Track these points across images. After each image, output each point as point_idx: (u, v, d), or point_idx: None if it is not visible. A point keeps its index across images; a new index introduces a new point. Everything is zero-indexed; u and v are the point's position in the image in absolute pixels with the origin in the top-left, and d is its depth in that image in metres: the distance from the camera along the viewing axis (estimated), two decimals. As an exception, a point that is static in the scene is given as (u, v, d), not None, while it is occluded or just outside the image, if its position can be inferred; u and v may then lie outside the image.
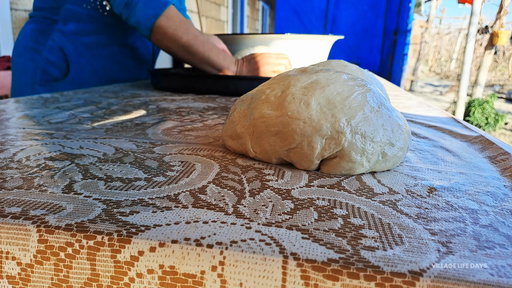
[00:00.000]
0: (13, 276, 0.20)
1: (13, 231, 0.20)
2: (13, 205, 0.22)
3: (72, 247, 0.20)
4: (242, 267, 0.18)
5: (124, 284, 0.19)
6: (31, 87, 0.88)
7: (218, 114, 0.56)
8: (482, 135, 0.44)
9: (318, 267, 0.18)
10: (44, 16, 0.88)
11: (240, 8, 6.01)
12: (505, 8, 5.29)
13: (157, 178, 0.28)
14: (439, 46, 15.34)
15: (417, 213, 0.24)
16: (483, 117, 4.84)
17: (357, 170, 0.30)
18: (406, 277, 0.17)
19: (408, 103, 0.73)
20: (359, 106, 0.30)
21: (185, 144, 0.38)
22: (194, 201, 0.24)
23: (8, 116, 0.49)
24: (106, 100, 0.65)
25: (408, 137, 0.33)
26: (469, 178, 0.31)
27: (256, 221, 0.21)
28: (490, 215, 0.24)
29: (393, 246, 0.19)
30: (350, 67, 0.49)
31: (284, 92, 0.32)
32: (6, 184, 0.26)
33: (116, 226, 0.20)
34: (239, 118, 0.34)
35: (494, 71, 11.50)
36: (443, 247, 0.19)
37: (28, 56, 0.88)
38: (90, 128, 0.44)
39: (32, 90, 0.87)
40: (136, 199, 0.24)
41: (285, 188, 0.27)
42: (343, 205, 0.24)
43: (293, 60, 1.00)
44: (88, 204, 0.23)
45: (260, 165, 0.32)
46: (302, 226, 0.21)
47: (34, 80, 0.87)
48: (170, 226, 0.21)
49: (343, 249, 0.19)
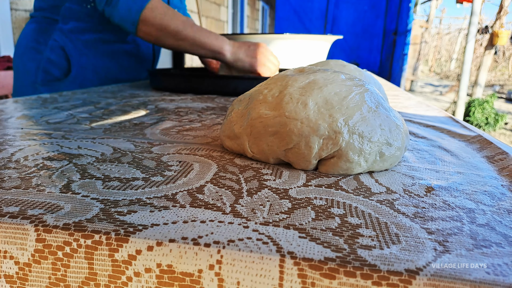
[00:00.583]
0: (10, 276, 0.20)
1: (11, 230, 0.20)
2: (11, 204, 0.23)
3: (70, 246, 0.20)
4: (240, 266, 0.18)
5: (121, 283, 0.19)
6: (33, 87, 0.88)
7: (216, 114, 0.56)
8: (480, 135, 0.44)
9: (315, 265, 0.18)
10: (45, 16, 0.88)
11: (240, 8, 6.01)
12: (505, 8, 5.29)
13: (155, 178, 0.28)
14: (439, 46, 15.35)
15: (414, 212, 0.24)
16: (483, 117, 4.84)
17: (354, 170, 0.30)
18: (402, 276, 0.17)
19: (407, 103, 0.73)
20: (357, 106, 0.31)
21: (183, 144, 0.38)
22: (191, 201, 0.24)
23: (7, 116, 0.49)
24: (105, 100, 0.65)
25: (406, 137, 0.33)
26: (467, 178, 0.31)
27: (253, 221, 0.22)
28: (487, 214, 0.24)
29: (390, 245, 0.19)
30: (349, 67, 0.49)
31: (282, 92, 0.32)
32: (4, 184, 0.26)
33: (113, 225, 0.20)
34: (237, 118, 0.34)
35: (494, 71, 11.50)
36: (440, 246, 0.20)
37: (29, 56, 0.88)
38: (88, 128, 0.44)
39: (34, 90, 0.87)
40: (134, 199, 0.24)
41: (283, 188, 0.27)
42: (340, 205, 0.24)
43: (292, 60, 1.00)
44: (85, 203, 0.23)
45: (258, 165, 0.32)
46: (300, 225, 0.21)
47: (36, 80, 0.87)
48: (168, 225, 0.21)
49: (340, 248, 0.19)
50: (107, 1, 0.79)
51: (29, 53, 0.88)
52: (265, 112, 0.31)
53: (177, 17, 0.80)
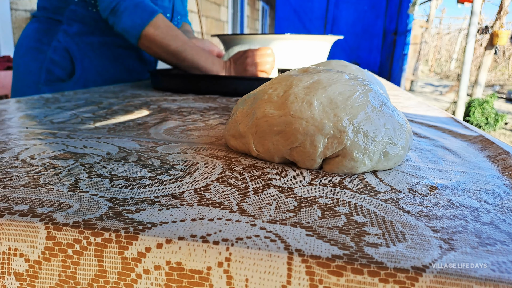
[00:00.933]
0: (20, 273, 0.21)
1: (22, 228, 0.21)
2: (20, 203, 0.23)
3: (80, 244, 0.20)
4: (248, 263, 0.19)
5: (131, 280, 0.20)
6: (36, 87, 0.88)
7: (219, 114, 0.56)
8: (482, 135, 0.44)
9: (323, 263, 0.18)
10: (48, 17, 0.88)
11: (240, 8, 6.01)
12: (505, 8, 5.29)
13: (162, 177, 0.28)
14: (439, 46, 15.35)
15: (419, 211, 0.24)
16: (483, 117, 4.84)
17: (359, 168, 0.30)
18: (409, 273, 0.17)
19: (408, 103, 0.73)
20: (361, 105, 0.31)
21: (187, 143, 0.38)
22: (198, 199, 0.24)
23: (10, 116, 0.49)
24: (107, 100, 0.65)
25: (409, 136, 0.33)
26: (470, 177, 0.31)
27: (260, 219, 0.22)
28: (491, 213, 0.24)
29: (396, 243, 0.20)
30: (350, 67, 0.49)
31: (287, 92, 0.32)
32: (12, 182, 0.26)
33: (123, 223, 0.21)
34: (242, 117, 0.34)
35: (494, 71, 11.51)
36: (445, 244, 0.20)
37: (32, 55, 0.88)
38: (92, 128, 0.44)
39: (36, 90, 0.87)
40: (142, 197, 0.24)
41: (288, 187, 0.27)
42: (345, 203, 0.25)
43: (293, 60, 1.00)
44: (94, 202, 0.23)
45: (263, 164, 0.32)
46: (306, 224, 0.21)
47: (39, 80, 0.88)
48: (176, 223, 0.21)
49: (347, 246, 0.19)
50: (112, 10, 0.79)
51: (32, 53, 0.88)
52: (270, 111, 0.32)
53: (179, 38, 0.82)
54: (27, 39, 0.90)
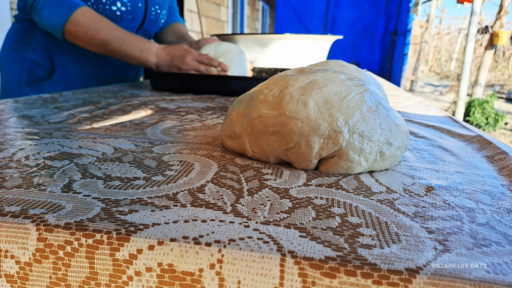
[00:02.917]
0: (11, 275, 0.21)
1: (12, 229, 0.20)
2: (12, 204, 0.23)
3: (71, 245, 0.20)
4: (240, 265, 0.18)
5: (122, 282, 0.19)
6: (18, 88, 0.87)
7: (217, 114, 0.56)
8: (480, 135, 0.44)
9: (316, 264, 0.18)
10: (26, 18, 0.88)
11: (240, 8, 6.01)
12: (505, 8, 5.29)
13: (156, 178, 0.28)
14: (439, 46, 15.35)
15: (414, 211, 0.24)
16: (483, 117, 4.84)
17: (355, 169, 0.30)
18: (403, 275, 0.17)
19: (407, 103, 0.73)
20: (357, 105, 0.31)
21: (184, 143, 0.38)
22: (192, 200, 0.24)
23: (7, 116, 0.49)
24: (105, 100, 0.65)
25: (406, 137, 0.33)
26: (467, 177, 0.31)
27: (254, 220, 0.22)
28: (487, 213, 0.24)
29: (390, 244, 0.20)
30: (348, 67, 0.49)
31: (282, 92, 0.32)
32: (6, 183, 0.26)
33: (115, 224, 0.20)
34: (237, 118, 0.34)
35: (494, 71, 11.51)
36: (440, 245, 0.20)
37: (13, 57, 0.87)
38: (89, 128, 0.44)
39: (19, 91, 0.87)
40: (135, 198, 0.24)
41: (283, 187, 0.27)
42: (340, 204, 0.24)
43: (292, 60, 1.00)
44: (87, 203, 0.23)
45: (258, 165, 0.32)
46: (300, 225, 0.21)
47: (21, 81, 0.87)
48: (169, 224, 0.21)
49: (340, 247, 0.19)
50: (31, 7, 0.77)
51: (13, 54, 0.88)
52: (266, 111, 0.32)
53: (103, 29, 0.79)
54: (9, 41, 0.89)
